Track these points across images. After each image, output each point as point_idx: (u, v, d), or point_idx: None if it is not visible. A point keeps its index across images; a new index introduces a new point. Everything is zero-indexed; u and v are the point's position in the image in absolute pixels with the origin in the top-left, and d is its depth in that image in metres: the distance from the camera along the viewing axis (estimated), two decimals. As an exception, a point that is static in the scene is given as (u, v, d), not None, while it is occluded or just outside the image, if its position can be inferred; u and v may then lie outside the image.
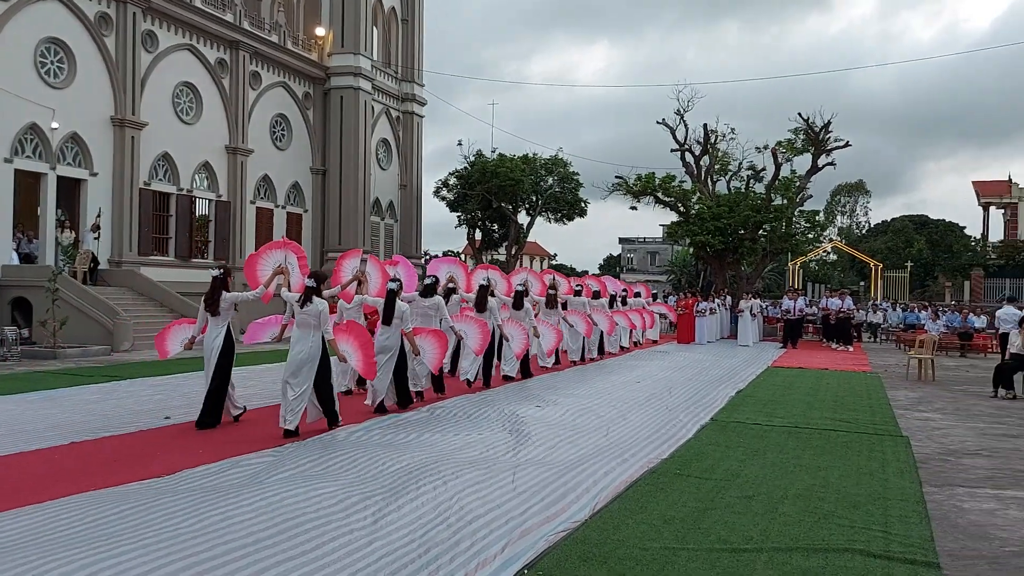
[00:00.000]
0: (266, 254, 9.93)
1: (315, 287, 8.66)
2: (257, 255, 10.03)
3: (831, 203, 75.18)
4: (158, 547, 4.56)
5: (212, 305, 8.99)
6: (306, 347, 8.52)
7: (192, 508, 5.34)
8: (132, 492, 5.96)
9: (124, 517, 5.17)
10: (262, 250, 10.11)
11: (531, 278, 16.14)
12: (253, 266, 9.92)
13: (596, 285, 19.56)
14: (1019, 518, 6.08)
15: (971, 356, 23.53)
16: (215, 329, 9.01)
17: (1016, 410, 12.06)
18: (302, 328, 8.63)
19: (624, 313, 20.97)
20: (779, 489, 6.65)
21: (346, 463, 6.97)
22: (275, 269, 9.64)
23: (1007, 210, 50.50)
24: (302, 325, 8.63)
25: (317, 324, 8.57)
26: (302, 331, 8.61)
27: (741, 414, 10.74)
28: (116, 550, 4.45)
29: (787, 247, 31.52)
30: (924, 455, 8.36)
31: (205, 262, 26.18)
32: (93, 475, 6.52)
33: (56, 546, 4.53)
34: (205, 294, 9.10)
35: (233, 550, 4.61)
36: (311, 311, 8.55)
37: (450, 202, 37.50)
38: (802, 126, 29.51)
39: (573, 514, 5.74)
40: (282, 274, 9.59)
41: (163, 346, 9.63)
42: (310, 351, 8.53)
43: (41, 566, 4.17)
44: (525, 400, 11.08)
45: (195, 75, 25.77)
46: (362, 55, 31.62)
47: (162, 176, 24.75)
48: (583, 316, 17.05)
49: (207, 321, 9.06)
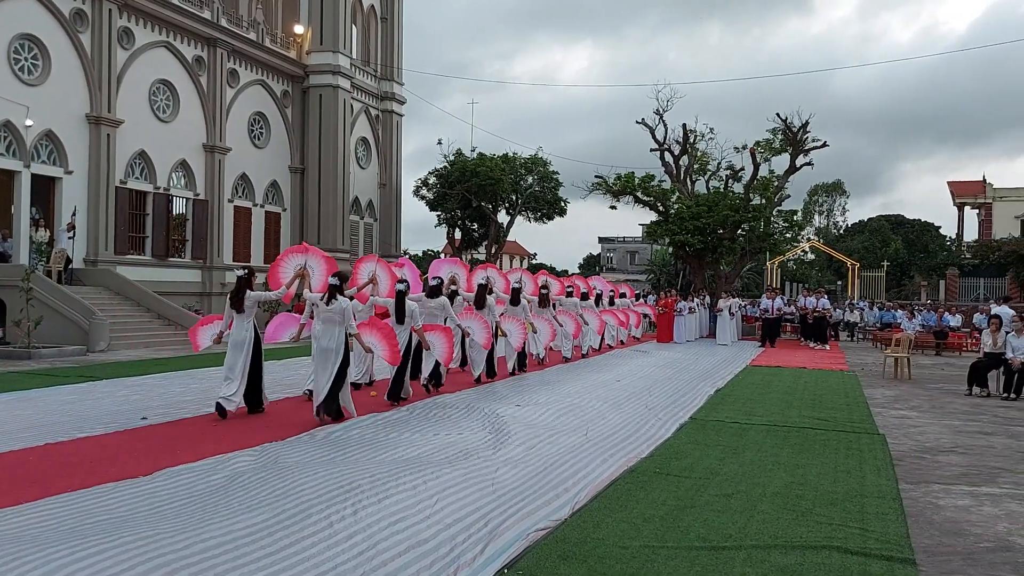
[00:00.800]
0: (288, 257, 10.60)
1: (338, 286, 9.32)
2: (280, 259, 10.68)
3: (809, 203, 75.82)
4: (136, 545, 4.52)
5: (237, 303, 9.66)
6: (331, 342, 9.16)
7: (170, 507, 5.30)
8: (110, 492, 5.90)
9: (101, 517, 5.12)
10: (285, 254, 10.77)
11: (525, 278, 16.59)
12: (275, 269, 10.56)
13: (584, 286, 20.08)
14: (993, 514, 6.16)
15: (946, 354, 23.82)
16: (241, 325, 9.69)
17: (990, 407, 12.22)
18: (327, 324, 9.27)
19: (612, 312, 21.66)
20: (758, 487, 6.70)
21: (325, 462, 6.94)
22: (296, 272, 10.28)
23: (981, 210, 51.11)
24: (327, 321, 9.27)
25: (341, 320, 9.21)
26: (326, 327, 9.26)
27: (720, 413, 10.80)
28: (93, 549, 4.41)
29: (765, 247, 31.71)
30: (900, 452, 8.44)
31: (182, 261, 26.00)
32: (69, 476, 6.44)
33: (32, 547, 4.47)
34: (230, 292, 9.83)
35: (211, 547, 4.58)
36: (335, 308, 9.21)
37: (430, 201, 37.44)
38: (780, 126, 29.73)
39: (553, 513, 5.75)
40: (303, 277, 10.20)
41: (195, 340, 10.21)
42: (335, 346, 9.16)
43: (19, 567, 4.12)
44: (505, 399, 11.08)
45: (172, 72, 25.54)
46: (341, 53, 31.48)
47: (138, 174, 24.52)
48: (573, 316, 17.43)
49: (233, 318, 9.70)
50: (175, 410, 9.90)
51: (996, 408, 12.19)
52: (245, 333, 9.67)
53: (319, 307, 9.41)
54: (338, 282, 9.35)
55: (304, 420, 9.21)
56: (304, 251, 10.69)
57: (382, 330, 9.84)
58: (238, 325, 9.70)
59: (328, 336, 9.22)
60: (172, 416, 9.48)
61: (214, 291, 26.62)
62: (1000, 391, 13.50)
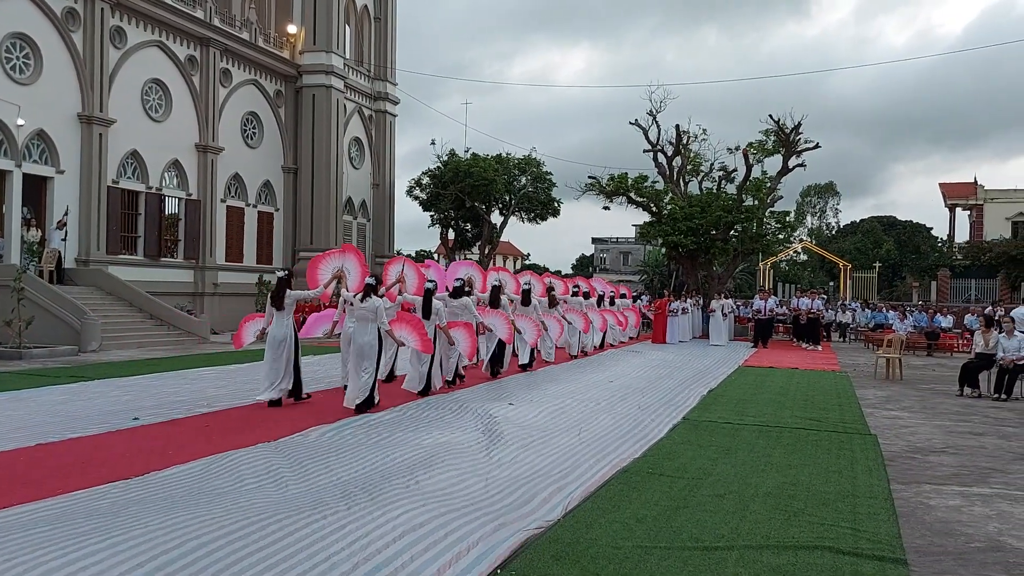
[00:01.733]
0: (326, 259, 11.32)
1: (374, 286, 10.25)
2: (318, 259, 11.40)
3: (801, 204, 76.06)
4: (128, 546, 4.51)
5: (278, 301, 10.44)
6: (367, 337, 9.99)
7: (162, 507, 5.28)
8: (102, 493, 5.88)
9: (93, 518, 5.10)
10: (324, 255, 11.51)
11: (533, 280, 17.32)
12: (314, 269, 11.28)
13: (587, 287, 21.42)
14: (984, 514, 6.19)
15: (938, 355, 23.89)
16: (281, 322, 10.43)
17: (981, 408, 12.27)
18: (361, 321, 10.12)
19: (613, 312, 22.52)
20: (750, 487, 6.71)
21: (319, 463, 6.93)
22: (334, 273, 11.04)
23: (973, 212, 51.34)
24: (361, 318, 10.13)
25: (374, 318, 10.06)
26: (361, 324, 10.12)
27: (713, 413, 10.83)
28: (85, 550, 4.39)
29: (758, 247, 31.80)
30: (892, 453, 8.48)
31: (174, 261, 25.92)
32: (61, 477, 6.42)
33: (25, 548, 4.45)
34: (271, 291, 10.62)
35: (204, 545, 4.57)
36: (369, 306, 10.06)
37: (423, 201, 37.38)
38: (773, 127, 29.81)
39: (546, 513, 5.75)
40: (340, 278, 10.94)
41: (238, 337, 11.02)
42: (370, 341, 9.98)
43: (11, 569, 4.10)
44: (498, 399, 11.09)
45: (164, 72, 25.46)
46: (334, 53, 31.43)
47: (131, 174, 24.43)
48: (581, 314, 18.49)
49: (273, 315, 10.45)
50: (167, 411, 9.87)
51: (987, 409, 12.24)
52: (285, 330, 10.39)
53: (354, 305, 10.25)
54: (374, 282, 10.30)
55: (301, 418, 9.20)
56: (342, 253, 11.42)
57: (411, 323, 10.71)
58: (278, 322, 10.42)
59: (362, 332, 10.06)
60: (164, 417, 9.45)
61: (206, 291, 26.54)
62: (991, 392, 13.56)
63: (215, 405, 10.38)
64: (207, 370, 14.62)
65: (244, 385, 12.39)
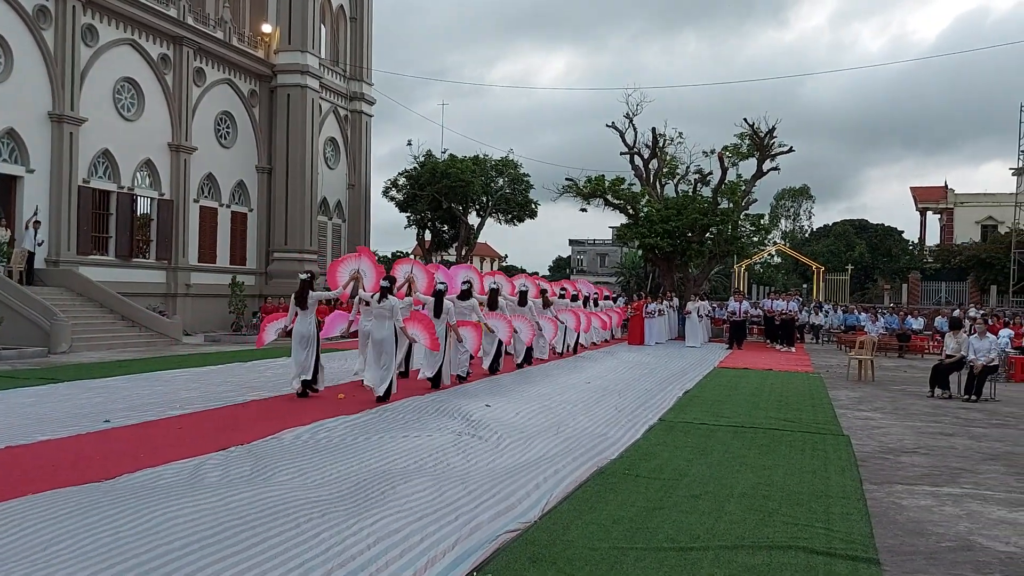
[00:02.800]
0: (344, 263, 12.38)
1: (389, 287, 11.26)
2: (337, 263, 12.52)
3: (775, 207, 76.63)
4: (98, 551, 4.44)
5: (301, 301, 11.34)
6: (384, 333, 10.92)
7: (134, 511, 5.21)
8: (71, 496, 5.78)
9: (62, 522, 5.02)
10: (341, 259, 12.60)
11: (528, 283, 18.37)
12: (333, 272, 12.40)
13: (573, 289, 22.86)
14: (955, 514, 6.26)
15: (909, 357, 24.19)
16: (305, 320, 11.33)
17: (952, 409, 12.43)
18: (378, 319, 11.06)
19: (597, 314, 23.60)
20: (725, 488, 6.75)
21: (293, 467, 6.87)
22: (351, 275, 12.09)
23: (943, 215, 52.09)
24: (379, 316, 11.08)
25: (390, 315, 11.02)
26: (379, 321, 11.03)
27: (688, 414, 10.88)
28: (53, 557, 4.32)
29: (733, 250, 32.01)
30: (864, 453, 8.56)
31: (146, 262, 25.63)
32: (30, 480, 6.31)
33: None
34: (295, 292, 11.48)
35: (175, 550, 4.51)
36: (386, 305, 11.05)
37: (399, 202, 37.22)
38: (748, 131, 30.03)
39: (522, 514, 5.74)
40: (357, 279, 11.95)
41: (262, 335, 11.87)
42: (387, 336, 10.90)
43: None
44: (476, 401, 11.07)
45: (137, 71, 25.16)
46: (309, 53, 31.21)
47: (102, 173, 24.13)
48: (573, 313, 19.84)
49: (297, 314, 11.31)
50: (139, 413, 9.74)
51: (957, 410, 12.41)
52: (309, 326, 11.28)
53: (372, 304, 11.25)
54: (389, 284, 11.32)
55: (279, 419, 9.12)
56: (357, 257, 12.41)
57: (423, 322, 11.75)
58: (302, 320, 11.32)
59: (380, 328, 11.00)
60: (136, 419, 9.33)
61: (179, 292, 26.26)
62: (961, 393, 13.74)
63: (188, 407, 10.26)
64: (180, 372, 14.46)
65: (218, 387, 12.28)
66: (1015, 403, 13.41)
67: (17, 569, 4.18)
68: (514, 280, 18.34)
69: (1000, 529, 5.89)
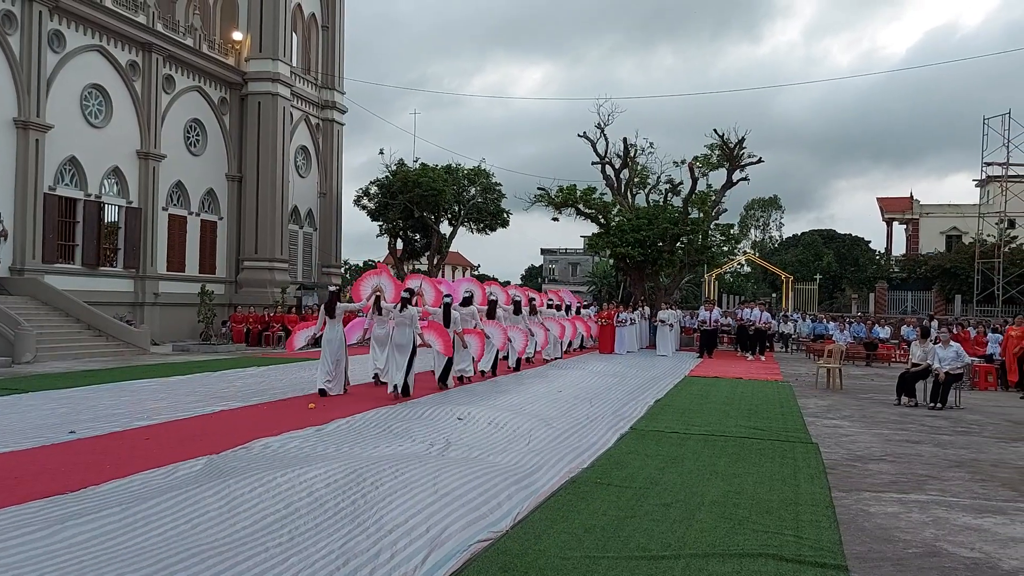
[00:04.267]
0: (367, 279, 14.09)
1: (408, 298, 12.81)
2: (360, 280, 14.28)
3: (745, 217, 77.37)
4: (58, 568, 4.35)
5: (331, 311, 12.94)
6: (405, 339, 12.50)
7: (98, 532, 5.11)
8: (35, 510, 5.66)
9: (25, 538, 4.92)
10: (364, 276, 14.32)
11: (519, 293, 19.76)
12: (357, 287, 14.18)
13: (556, 299, 24.36)
14: (921, 521, 6.34)
15: (876, 365, 24.49)
16: (333, 327, 12.92)
17: (918, 417, 12.60)
18: (399, 326, 12.64)
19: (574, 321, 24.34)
20: (696, 496, 6.78)
21: (262, 480, 6.79)
22: (373, 289, 13.65)
23: (909, 225, 52.86)
24: (399, 324, 12.64)
25: (410, 323, 12.58)
26: (400, 328, 12.63)
27: (660, 423, 10.92)
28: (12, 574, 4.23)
29: (703, 259, 32.26)
30: (833, 461, 8.64)
31: (114, 270, 25.29)
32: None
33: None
34: (325, 302, 13.22)
35: (140, 570, 4.44)
36: (406, 314, 12.62)
37: (371, 211, 37.07)
38: (717, 142, 30.33)
39: (494, 523, 5.72)
40: (379, 293, 13.45)
41: (292, 341, 13.67)
42: (407, 341, 12.48)
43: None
44: (448, 410, 11.03)
45: (105, 77, 24.88)
46: (280, 61, 31.05)
47: (68, 181, 23.80)
48: (559, 322, 21.39)
49: (326, 322, 12.88)
50: (105, 424, 9.60)
51: (923, 417, 12.57)
52: (337, 333, 12.86)
53: (393, 314, 12.80)
54: (408, 296, 12.85)
55: (247, 429, 9.03)
56: (378, 274, 14.08)
57: (437, 330, 13.46)
58: (330, 327, 12.89)
59: (401, 335, 12.56)
60: (102, 430, 9.19)
61: (147, 301, 25.93)
62: (927, 401, 13.93)
63: (155, 418, 10.13)
64: (147, 382, 14.27)
65: (185, 397, 12.14)
66: (979, 411, 13.63)
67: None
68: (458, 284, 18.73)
69: (965, 535, 5.97)
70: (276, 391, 13.17)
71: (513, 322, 17.76)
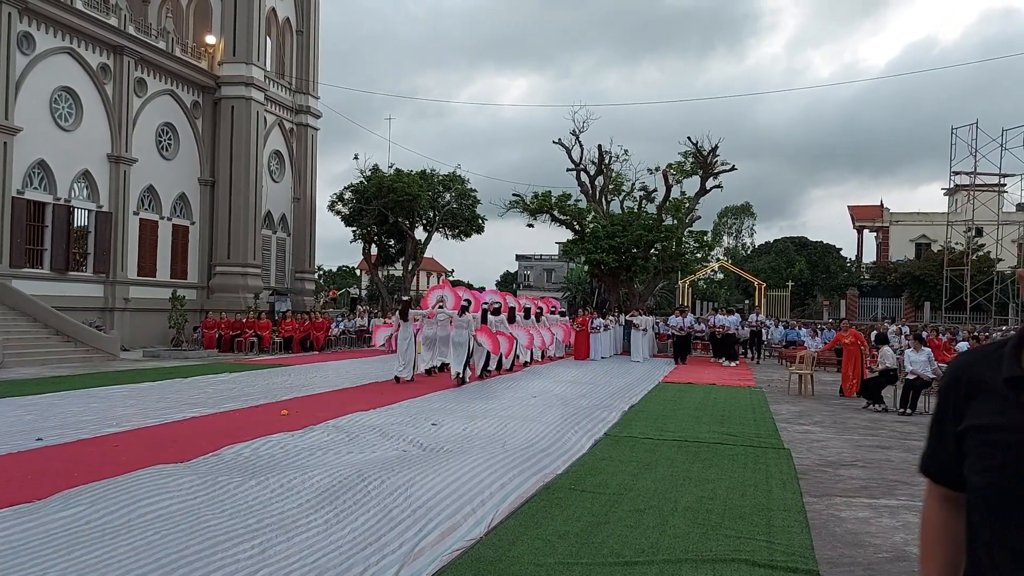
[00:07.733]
0: (433, 292, 17.86)
1: (467, 306, 16.48)
2: (429, 292, 18.06)
3: (718, 224, 77.92)
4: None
5: (404, 315, 16.80)
6: (462, 338, 16.02)
7: (66, 534, 5.04)
8: (2, 519, 5.57)
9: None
10: (431, 289, 18.20)
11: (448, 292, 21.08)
12: (426, 298, 17.78)
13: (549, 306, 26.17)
14: (891, 525, 6.41)
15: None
16: (407, 329, 16.58)
17: (887, 423, 12.74)
18: (459, 328, 16.05)
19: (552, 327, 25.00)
20: (669, 502, 6.80)
21: (233, 488, 6.73)
22: (438, 299, 17.05)
23: (879, 233, 53.57)
24: (459, 325, 16.06)
25: (467, 326, 16.09)
26: (459, 329, 16.05)
27: (634, 429, 10.95)
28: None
29: (677, 266, 32.45)
30: (804, 466, 8.72)
31: (83, 275, 24.95)
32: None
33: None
34: (400, 309, 17.54)
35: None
36: (465, 319, 16.19)
37: (345, 216, 36.89)
38: (691, 150, 30.55)
39: (467, 531, 5.71)
40: (442, 303, 16.79)
41: (374, 338, 18.32)
42: (464, 340, 16.03)
43: None
44: (421, 416, 10.99)
45: (75, 80, 24.58)
46: (254, 65, 30.85)
47: (37, 184, 23.46)
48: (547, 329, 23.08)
49: (400, 325, 16.63)
50: (73, 431, 9.46)
51: (893, 423, 12.72)
52: (409, 333, 16.42)
53: (454, 318, 16.20)
54: (467, 304, 16.55)
55: (216, 436, 8.93)
56: (441, 287, 17.91)
57: (487, 332, 16.96)
58: (404, 329, 16.52)
59: (459, 335, 16.05)
60: (70, 437, 9.06)
61: (117, 307, 25.60)
62: (896, 407, 14.10)
63: (124, 425, 10.00)
64: (116, 388, 14.08)
65: (155, 404, 12.00)
66: (948, 416, 13.79)
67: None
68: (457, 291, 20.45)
69: (934, 539, 6.03)
70: (248, 397, 13.05)
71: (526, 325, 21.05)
